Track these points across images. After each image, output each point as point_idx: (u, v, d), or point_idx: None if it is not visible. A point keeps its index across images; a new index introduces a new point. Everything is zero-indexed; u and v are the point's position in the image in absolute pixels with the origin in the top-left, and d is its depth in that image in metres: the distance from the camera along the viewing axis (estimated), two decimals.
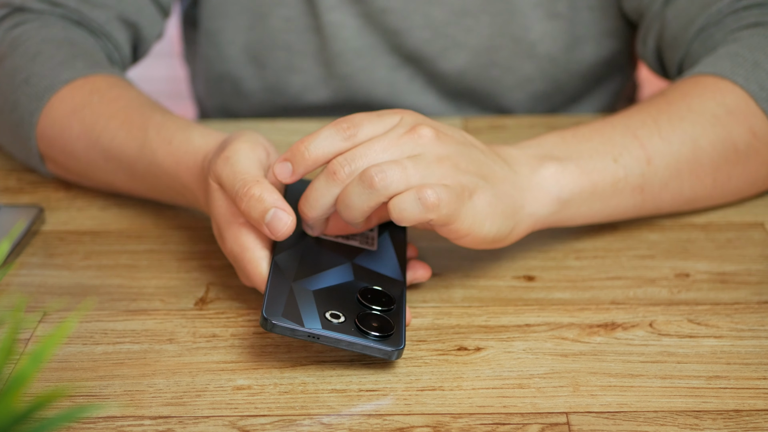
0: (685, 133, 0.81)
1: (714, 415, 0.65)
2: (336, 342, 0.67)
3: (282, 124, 1.03)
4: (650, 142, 0.80)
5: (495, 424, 0.65)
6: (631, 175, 0.79)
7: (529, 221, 0.76)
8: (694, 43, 0.91)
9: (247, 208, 0.71)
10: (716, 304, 0.76)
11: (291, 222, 0.70)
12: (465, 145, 0.74)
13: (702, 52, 0.90)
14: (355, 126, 0.72)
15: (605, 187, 0.78)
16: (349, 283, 0.72)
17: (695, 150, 0.81)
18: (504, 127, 1.01)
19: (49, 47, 0.91)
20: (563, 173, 0.77)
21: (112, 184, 0.88)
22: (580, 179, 0.77)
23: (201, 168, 0.78)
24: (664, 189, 0.81)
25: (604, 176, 0.78)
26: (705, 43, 0.90)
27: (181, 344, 0.72)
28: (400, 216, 0.69)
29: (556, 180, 0.77)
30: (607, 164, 0.79)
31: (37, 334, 0.73)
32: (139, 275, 0.80)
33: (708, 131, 0.82)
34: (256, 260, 0.71)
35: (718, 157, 0.82)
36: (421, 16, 1.04)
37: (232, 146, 0.74)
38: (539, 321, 0.74)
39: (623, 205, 0.80)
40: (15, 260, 0.82)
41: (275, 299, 0.68)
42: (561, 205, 0.77)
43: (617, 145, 0.79)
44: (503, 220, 0.73)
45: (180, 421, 0.65)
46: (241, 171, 0.72)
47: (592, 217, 0.80)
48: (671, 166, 0.80)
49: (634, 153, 0.79)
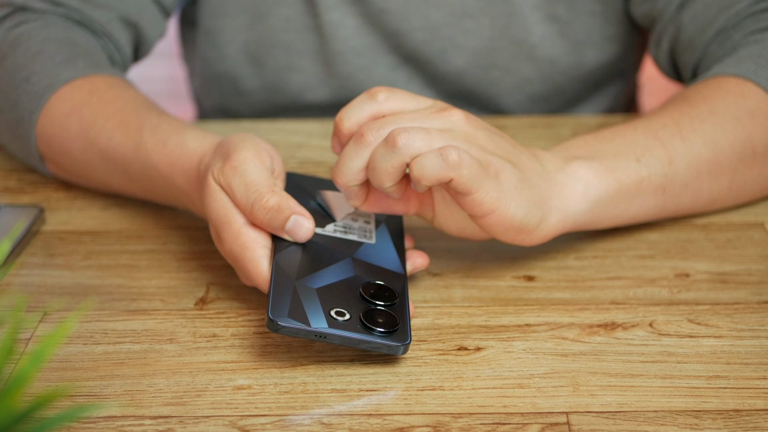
0: (706, 135, 0.81)
1: (714, 415, 0.65)
2: (343, 340, 0.67)
3: (281, 124, 1.03)
4: (672, 143, 0.80)
5: (495, 423, 0.65)
6: (654, 175, 0.79)
7: (559, 216, 0.75)
8: (712, 44, 0.91)
9: (267, 219, 0.71)
10: (716, 304, 0.76)
11: (311, 225, 0.72)
12: (495, 133, 0.74)
13: (720, 54, 0.90)
14: (390, 94, 0.73)
15: (629, 186, 0.78)
16: (350, 278, 0.72)
17: (715, 151, 0.81)
18: (504, 127, 1.00)
19: (50, 47, 0.91)
20: (589, 171, 0.77)
21: (109, 185, 0.88)
22: (606, 177, 0.77)
23: (197, 171, 0.78)
24: (684, 190, 0.81)
25: (628, 175, 0.78)
26: (723, 44, 0.90)
27: (181, 344, 0.72)
28: (422, 172, 0.69)
29: (583, 177, 0.77)
30: (630, 164, 0.79)
31: (37, 334, 0.73)
32: (139, 275, 0.80)
33: (729, 133, 0.82)
34: (256, 259, 0.71)
35: (736, 159, 0.82)
36: (420, 18, 1.04)
37: (238, 156, 0.74)
38: (539, 321, 0.74)
39: (646, 205, 0.80)
40: (15, 260, 0.82)
41: (279, 300, 0.68)
42: (589, 203, 0.77)
43: (639, 146, 0.79)
44: (530, 206, 0.73)
45: (180, 420, 0.65)
46: (253, 182, 0.72)
47: (618, 217, 0.80)
48: (692, 167, 0.81)
49: (656, 153, 0.79)
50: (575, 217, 0.77)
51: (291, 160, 0.94)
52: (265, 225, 0.72)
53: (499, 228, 0.73)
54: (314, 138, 0.99)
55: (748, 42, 0.88)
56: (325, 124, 1.02)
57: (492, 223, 0.72)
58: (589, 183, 0.77)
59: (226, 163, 0.74)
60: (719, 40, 0.91)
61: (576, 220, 0.77)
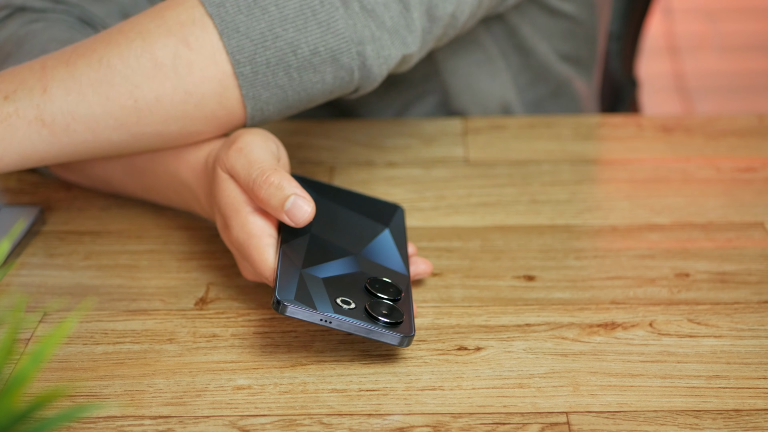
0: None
1: (714, 415, 0.65)
2: (348, 326, 0.67)
3: (281, 123, 1.03)
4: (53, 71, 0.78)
5: (495, 423, 0.65)
6: (24, 108, 0.77)
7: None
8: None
9: (267, 195, 0.71)
10: (716, 304, 0.76)
11: (311, 209, 0.72)
12: None
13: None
14: None
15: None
16: (356, 273, 0.72)
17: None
18: (504, 127, 1.01)
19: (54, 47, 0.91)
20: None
21: (109, 183, 0.88)
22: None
23: (204, 165, 0.78)
24: (73, 120, 0.79)
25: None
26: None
27: (181, 344, 0.72)
28: None
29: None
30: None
31: (37, 334, 0.73)
32: (139, 275, 0.80)
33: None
34: (262, 247, 0.71)
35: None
36: None
37: (244, 138, 0.75)
38: (539, 321, 0.74)
39: (29, 142, 0.78)
40: (15, 260, 0.82)
41: (286, 283, 0.68)
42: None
43: (16, 81, 0.78)
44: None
45: (180, 420, 0.65)
46: (257, 160, 0.73)
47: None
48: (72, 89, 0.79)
49: (32, 85, 0.78)
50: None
51: (291, 160, 0.94)
52: (264, 202, 0.72)
53: None
54: (314, 138, 1.00)
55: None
56: (325, 124, 1.02)
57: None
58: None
59: (232, 146, 0.75)
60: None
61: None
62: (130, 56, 0.77)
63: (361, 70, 0.80)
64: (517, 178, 0.92)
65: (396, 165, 0.95)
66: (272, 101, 0.79)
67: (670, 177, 0.92)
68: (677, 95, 2.67)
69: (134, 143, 0.79)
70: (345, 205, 0.80)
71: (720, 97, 2.70)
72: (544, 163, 0.95)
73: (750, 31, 3.02)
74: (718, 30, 3.00)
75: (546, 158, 0.95)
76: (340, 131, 1.00)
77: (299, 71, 0.78)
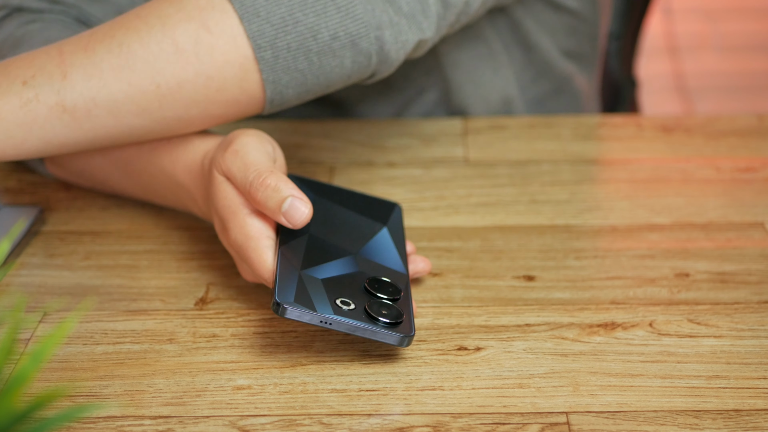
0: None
1: (714, 415, 0.65)
2: (348, 327, 0.67)
3: (282, 124, 1.03)
4: (72, 57, 0.79)
5: (495, 423, 0.65)
6: (44, 93, 0.78)
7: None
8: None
9: (264, 197, 0.71)
10: (716, 304, 0.76)
11: (308, 211, 0.72)
12: None
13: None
14: None
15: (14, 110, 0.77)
16: (355, 273, 0.72)
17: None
18: (504, 126, 1.01)
19: None
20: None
21: (107, 183, 0.88)
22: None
23: (200, 166, 0.78)
24: (95, 106, 0.79)
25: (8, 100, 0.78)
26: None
27: (181, 344, 0.72)
28: None
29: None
30: (14, 86, 0.78)
31: (37, 334, 0.73)
32: (139, 275, 0.80)
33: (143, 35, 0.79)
34: (261, 249, 0.71)
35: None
36: None
37: (239, 140, 0.75)
38: (539, 321, 0.74)
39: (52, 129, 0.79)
40: (15, 260, 0.82)
41: (286, 285, 0.68)
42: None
43: (35, 66, 0.78)
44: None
45: (180, 421, 0.65)
46: (253, 162, 0.73)
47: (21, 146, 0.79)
48: (94, 75, 0.79)
49: (51, 70, 0.78)
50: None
51: (291, 160, 0.94)
52: (262, 205, 0.72)
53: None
54: (314, 138, 1.00)
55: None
56: (326, 124, 1.02)
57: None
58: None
59: (228, 148, 0.75)
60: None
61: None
62: (151, 41, 0.77)
63: (379, 55, 0.80)
64: (517, 178, 0.92)
65: (396, 165, 0.95)
66: (291, 85, 0.79)
67: (670, 177, 0.92)
68: (677, 95, 2.67)
69: (155, 128, 0.79)
70: (342, 204, 0.80)
71: (720, 97, 2.70)
72: (544, 163, 0.95)
73: (750, 31, 3.02)
74: (718, 30, 3.00)
75: (546, 158, 0.95)
76: (340, 131, 1.00)
77: (319, 56, 0.78)
